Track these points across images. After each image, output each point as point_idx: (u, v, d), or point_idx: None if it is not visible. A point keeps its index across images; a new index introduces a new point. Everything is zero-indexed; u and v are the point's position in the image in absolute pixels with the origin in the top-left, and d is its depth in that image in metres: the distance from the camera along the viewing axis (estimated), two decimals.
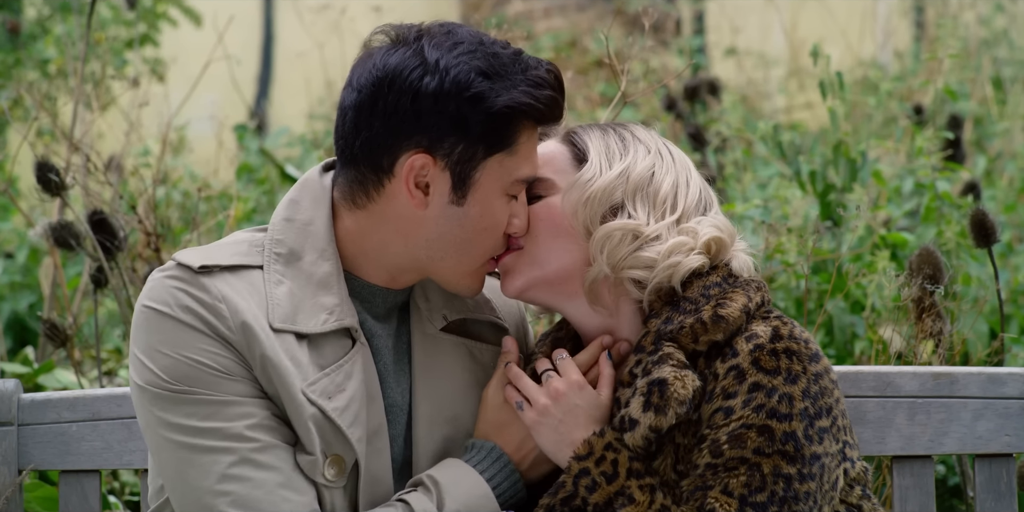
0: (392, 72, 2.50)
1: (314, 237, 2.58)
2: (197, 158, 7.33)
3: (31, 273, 5.89)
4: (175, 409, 2.48)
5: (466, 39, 2.52)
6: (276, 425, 2.49)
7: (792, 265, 4.49)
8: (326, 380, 2.51)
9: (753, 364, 2.47)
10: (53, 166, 3.94)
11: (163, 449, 2.50)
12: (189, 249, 2.57)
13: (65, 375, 4.31)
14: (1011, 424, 2.95)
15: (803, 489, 2.43)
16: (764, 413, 2.44)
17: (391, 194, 2.54)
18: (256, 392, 2.49)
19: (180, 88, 5.97)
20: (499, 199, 2.56)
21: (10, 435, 2.93)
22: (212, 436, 2.46)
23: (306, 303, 2.53)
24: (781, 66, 9.65)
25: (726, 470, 2.44)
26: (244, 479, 2.45)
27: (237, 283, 2.51)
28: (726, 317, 2.51)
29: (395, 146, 2.51)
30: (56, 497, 3.21)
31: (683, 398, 2.46)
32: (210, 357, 2.47)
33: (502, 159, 2.53)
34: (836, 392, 2.53)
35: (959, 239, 4.56)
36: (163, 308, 2.49)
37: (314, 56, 8.13)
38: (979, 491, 2.97)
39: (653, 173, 2.60)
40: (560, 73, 2.58)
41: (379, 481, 2.58)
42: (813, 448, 2.45)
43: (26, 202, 6.21)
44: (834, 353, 4.57)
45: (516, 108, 2.49)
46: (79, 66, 4.75)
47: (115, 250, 4.00)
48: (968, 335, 4.28)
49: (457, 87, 2.47)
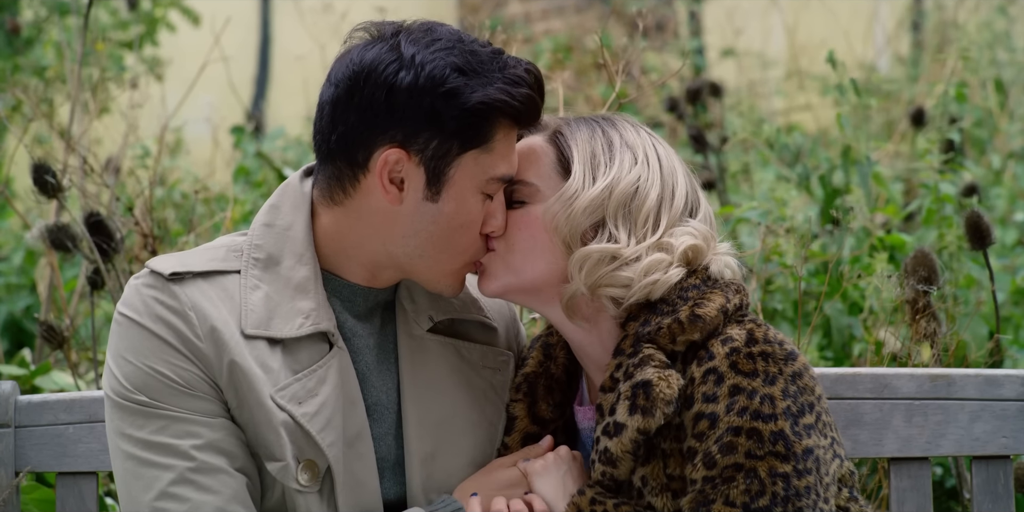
0: (368, 67, 2.50)
1: (293, 242, 2.58)
2: (194, 160, 7.32)
3: (28, 275, 5.89)
4: (130, 419, 2.49)
5: (444, 36, 2.52)
6: (230, 449, 2.49)
7: (790, 267, 4.49)
8: (297, 385, 2.51)
9: (731, 367, 2.46)
10: (50, 168, 3.93)
11: (116, 458, 2.52)
12: (165, 255, 2.59)
13: (62, 377, 4.30)
14: (1008, 426, 2.94)
15: (802, 484, 2.42)
16: (748, 415, 2.43)
17: (366, 189, 2.54)
18: (214, 411, 2.49)
19: (177, 89, 5.97)
20: (474, 197, 2.55)
21: (7, 437, 2.93)
22: (159, 451, 2.47)
23: (283, 308, 2.54)
24: (779, 67, 9.65)
25: (724, 482, 2.43)
26: (182, 499, 2.45)
27: (209, 289, 2.52)
28: (703, 316, 2.50)
29: (370, 140, 2.51)
30: (53, 499, 3.20)
31: (669, 398, 2.46)
32: (172, 369, 2.48)
33: (477, 156, 2.52)
34: (817, 390, 2.52)
35: (959, 242, 4.56)
36: (133, 315, 2.51)
37: (311, 58, 8.12)
38: (976, 493, 2.97)
39: (637, 188, 2.57)
40: (540, 74, 2.58)
41: (362, 484, 2.58)
42: (804, 443, 2.44)
43: (23, 204, 6.20)
44: (831, 355, 4.57)
45: (491, 104, 2.49)
46: (76, 69, 4.75)
47: (112, 252, 4.00)
48: (966, 337, 4.28)
49: (432, 82, 2.47)
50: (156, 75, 7.27)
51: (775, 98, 9.73)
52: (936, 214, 4.95)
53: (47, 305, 4.68)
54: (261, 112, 9.95)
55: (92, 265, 4.06)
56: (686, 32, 10.77)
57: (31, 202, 5.11)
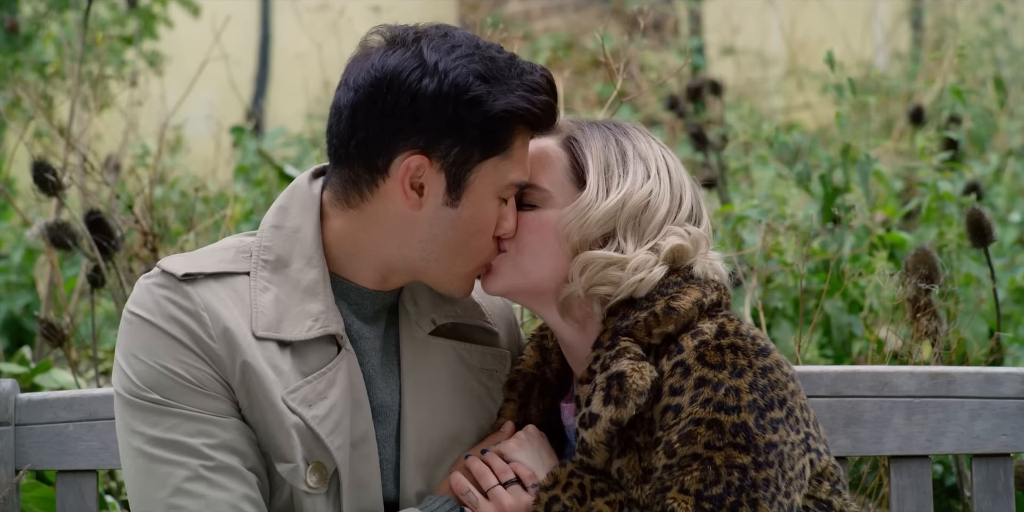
0: (391, 73, 2.50)
1: (302, 244, 2.59)
2: (194, 158, 7.33)
3: (27, 273, 5.88)
4: (142, 417, 2.49)
5: (463, 42, 2.53)
6: (242, 448, 2.50)
7: (790, 265, 4.49)
8: (307, 387, 2.52)
9: (698, 360, 2.48)
10: (50, 166, 3.93)
11: (127, 455, 2.52)
12: (175, 256, 2.59)
13: (62, 375, 4.30)
14: (1008, 424, 2.94)
15: (760, 476, 2.43)
16: (711, 407, 2.45)
17: (385, 194, 2.54)
18: (226, 411, 2.50)
19: (177, 87, 5.96)
20: (491, 202, 2.57)
21: (7, 435, 2.93)
22: (172, 448, 2.47)
23: (292, 310, 2.54)
24: (779, 66, 9.65)
25: (680, 469, 2.44)
26: (197, 496, 2.46)
27: (221, 290, 2.52)
28: (677, 309, 2.53)
29: (391, 146, 2.51)
30: (53, 497, 3.20)
31: (642, 389, 2.48)
32: (184, 368, 2.48)
33: (497, 163, 2.54)
34: (791, 385, 2.52)
35: (959, 240, 4.56)
36: (146, 314, 2.51)
37: (312, 56, 8.13)
38: (976, 491, 2.97)
39: (648, 203, 2.61)
40: (553, 77, 2.60)
41: (365, 486, 2.59)
42: (767, 437, 2.45)
43: (23, 202, 6.20)
44: (832, 353, 4.57)
45: (514, 113, 2.50)
46: (76, 66, 4.75)
47: (112, 250, 4.00)
48: (966, 335, 4.28)
49: (456, 90, 2.48)
50: (156, 70, 7.27)
51: (775, 97, 9.73)
52: (936, 212, 4.95)
53: (47, 303, 4.68)
54: (261, 110, 9.95)
55: (92, 263, 4.06)
56: (685, 30, 10.77)
57: (31, 200, 5.11)
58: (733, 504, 2.41)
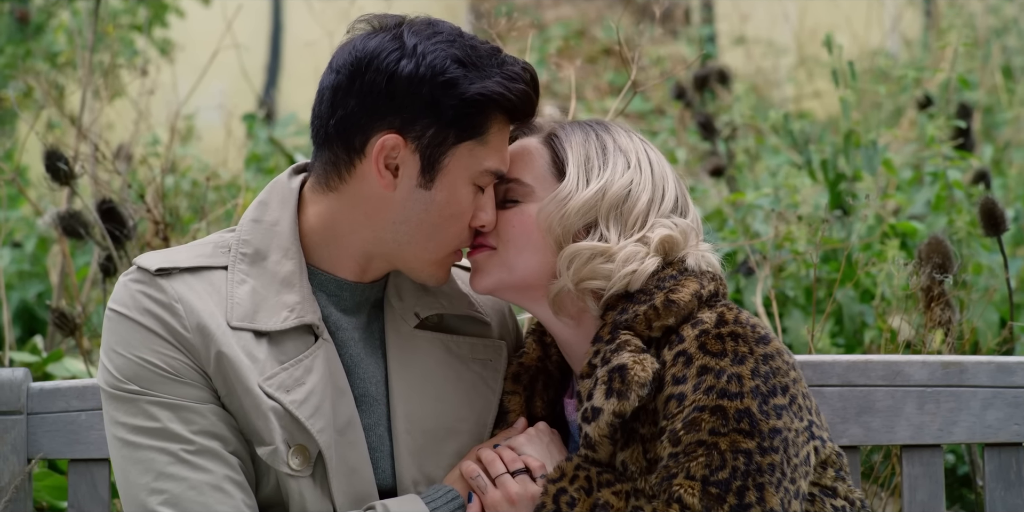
0: (370, 54, 2.54)
1: (279, 237, 2.63)
2: (206, 147, 7.33)
3: (40, 262, 5.89)
4: (124, 408, 2.54)
5: (446, 30, 2.57)
6: (222, 433, 2.55)
7: (801, 254, 4.49)
8: (284, 374, 2.56)
9: (700, 348, 2.50)
10: (62, 155, 3.94)
11: (113, 447, 2.57)
12: (151, 252, 2.64)
13: (74, 364, 4.31)
14: (1021, 413, 2.95)
15: (766, 461, 2.44)
16: (715, 394, 2.46)
17: (361, 175, 2.58)
18: (205, 398, 2.55)
19: (188, 77, 5.96)
20: (466, 187, 2.59)
21: (19, 424, 2.94)
22: (153, 435, 2.52)
23: (269, 301, 2.59)
24: (790, 55, 9.63)
25: (686, 455, 2.46)
26: (179, 479, 2.50)
27: (196, 284, 2.57)
28: (677, 302, 2.54)
29: (368, 126, 2.55)
30: (65, 486, 3.20)
31: (644, 380, 2.49)
32: (161, 358, 2.53)
33: (472, 147, 2.57)
34: (793, 373, 2.54)
35: (970, 228, 4.55)
36: (123, 309, 2.57)
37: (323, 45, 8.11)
38: (988, 480, 2.97)
39: (630, 191, 2.63)
40: (536, 72, 2.63)
41: (355, 471, 2.62)
42: (771, 423, 2.46)
43: (35, 191, 6.21)
44: (843, 342, 4.57)
45: (488, 96, 2.53)
46: (87, 55, 4.75)
47: (124, 239, 4.01)
48: (978, 324, 4.27)
49: (432, 71, 2.52)
50: (168, 58, 7.27)
51: (786, 85, 9.71)
52: (945, 201, 4.94)
53: (59, 292, 4.68)
54: (272, 99, 9.93)
55: (104, 252, 4.07)
56: (696, 19, 10.76)
57: (44, 189, 5.12)
58: (739, 488, 2.43)
